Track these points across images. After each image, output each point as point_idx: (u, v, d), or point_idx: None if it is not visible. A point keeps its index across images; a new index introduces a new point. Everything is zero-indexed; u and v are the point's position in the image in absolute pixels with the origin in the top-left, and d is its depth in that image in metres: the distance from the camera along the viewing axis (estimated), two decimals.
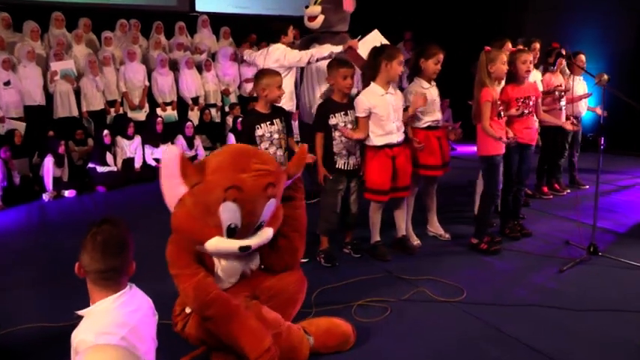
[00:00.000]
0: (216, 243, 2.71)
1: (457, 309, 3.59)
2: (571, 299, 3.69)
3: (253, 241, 2.79)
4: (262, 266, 3.09)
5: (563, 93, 5.82)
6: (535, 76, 5.52)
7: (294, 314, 3.13)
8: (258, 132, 4.05)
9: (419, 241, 4.72)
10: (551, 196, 6.32)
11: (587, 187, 6.63)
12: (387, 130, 4.23)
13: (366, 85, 4.31)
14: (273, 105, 4.12)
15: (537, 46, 5.74)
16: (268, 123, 4.07)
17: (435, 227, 4.94)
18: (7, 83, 7.40)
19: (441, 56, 4.45)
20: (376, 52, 4.26)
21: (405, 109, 4.40)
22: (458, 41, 8.28)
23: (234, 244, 2.73)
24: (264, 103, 4.08)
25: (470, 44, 4.84)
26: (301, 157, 3.06)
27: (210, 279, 2.78)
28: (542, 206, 5.96)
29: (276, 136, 4.09)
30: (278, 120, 4.11)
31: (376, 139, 4.25)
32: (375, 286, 3.92)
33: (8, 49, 7.88)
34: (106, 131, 7.58)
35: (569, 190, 6.52)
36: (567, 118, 5.86)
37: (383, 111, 4.20)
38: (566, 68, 6.29)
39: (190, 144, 8.30)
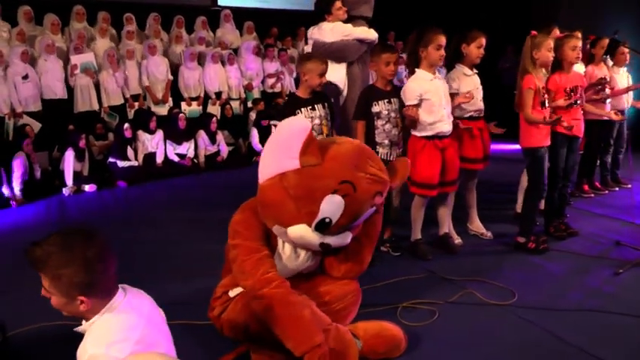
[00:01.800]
0: (301, 231, 2.49)
1: (510, 313, 3.31)
2: (632, 304, 3.39)
3: (334, 241, 2.57)
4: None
5: (607, 85, 5.50)
6: (578, 69, 5.23)
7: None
8: (299, 117, 3.82)
9: (460, 240, 4.45)
10: (592, 195, 6.00)
11: (630, 185, 6.32)
12: (437, 117, 3.98)
13: (411, 72, 4.08)
14: (315, 90, 3.91)
15: (579, 35, 5.43)
16: (309, 108, 3.88)
17: (476, 225, 4.66)
18: (25, 77, 7.25)
19: (484, 40, 4.20)
20: (414, 39, 4.02)
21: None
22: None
23: (316, 239, 2.52)
24: (304, 88, 3.90)
25: (497, 38, 4.56)
26: (405, 172, 2.88)
27: (272, 260, 2.57)
28: (584, 205, 5.64)
29: (317, 121, 3.89)
30: (320, 105, 3.92)
31: (427, 129, 4.00)
32: (418, 286, 3.66)
33: (29, 42, 7.77)
34: (126, 125, 7.39)
35: (617, 188, 6.21)
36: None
37: (434, 96, 3.96)
38: (608, 59, 5.95)
39: (213, 139, 8.08)
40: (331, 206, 2.44)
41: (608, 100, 5.59)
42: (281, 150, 2.48)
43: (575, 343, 2.95)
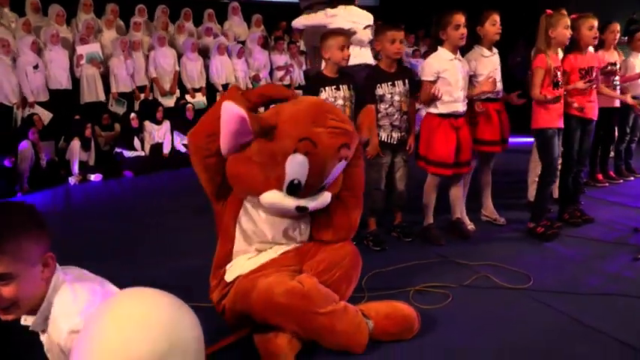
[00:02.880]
0: (273, 197, 2.44)
1: (526, 296, 3.19)
2: None
3: (311, 204, 2.50)
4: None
5: (617, 72, 5.34)
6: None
7: (349, 294, 2.77)
8: (322, 95, 3.73)
9: (473, 225, 4.34)
10: (607, 184, 5.86)
11: None
12: (454, 97, 3.89)
13: (433, 50, 4.00)
14: (342, 70, 3.79)
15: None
16: (334, 88, 3.74)
17: (490, 211, 4.54)
18: (35, 67, 7.22)
19: (497, 16, 4.09)
20: (434, 21, 3.95)
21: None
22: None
23: (291, 203, 2.46)
24: (330, 67, 3.78)
25: (506, 33, 4.39)
26: (371, 119, 2.90)
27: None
28: (599, 194, 5.50)
29: (340, 102, 3.73)
30: (345, 86, 3.78)
31: (442, 107, 3.90)
32: (430, 270, 3.55)
33: (35, 33, 7.72)
34: (133, 114, 7.35)
35: (632, 178, 6.05)
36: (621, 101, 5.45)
37: (452, 76, 3.88)
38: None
39: None
40: (295, 166, 2.40)
41: (618, 87, 5.44)
42: (233, 135, 2.40)
43: (595, 325, 2.83)
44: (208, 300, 2.80)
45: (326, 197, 2.56)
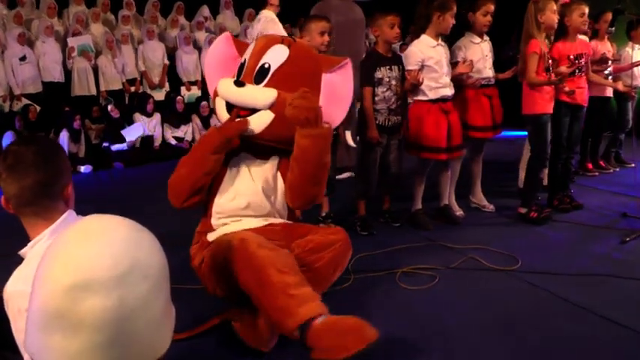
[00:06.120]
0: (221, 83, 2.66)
1: (514, 278, 3.18)
2: None
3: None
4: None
5: (610, 61, 5.33)
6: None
7: (333, 280, 2.69)
8: None
9: (462, 212, 4.32)
10: (597, 173, 5.86)
11: (634, 165, 6.16)
12: (440, 84, 3.88)
13: (415, 36, 3.97)
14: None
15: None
16: None
17: (479, 198, 4.53)
18: (22, 58, 7.17)
19: (491, 7, 4.07)
20: (428, 1, 3.90)
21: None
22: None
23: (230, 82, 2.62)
24: None
25: (500, 28, 4.35)
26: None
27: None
28: (588, 182, 5.50)
29: None
30: None
31: (430, 93, 3.89)
32: (418, 254, 3.53)
33: (26, 25, 7.68)
34: (110, 106, 7.33)
35: (618, 169, 6.05)
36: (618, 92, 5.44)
37: (437, 63, 3.87)
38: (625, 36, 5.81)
39: (206, 124, 7.96)
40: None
41: (610, 77, 5.43)
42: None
43: (584, 304, 2.82)
44: (200, 284, 2.77)
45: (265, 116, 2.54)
